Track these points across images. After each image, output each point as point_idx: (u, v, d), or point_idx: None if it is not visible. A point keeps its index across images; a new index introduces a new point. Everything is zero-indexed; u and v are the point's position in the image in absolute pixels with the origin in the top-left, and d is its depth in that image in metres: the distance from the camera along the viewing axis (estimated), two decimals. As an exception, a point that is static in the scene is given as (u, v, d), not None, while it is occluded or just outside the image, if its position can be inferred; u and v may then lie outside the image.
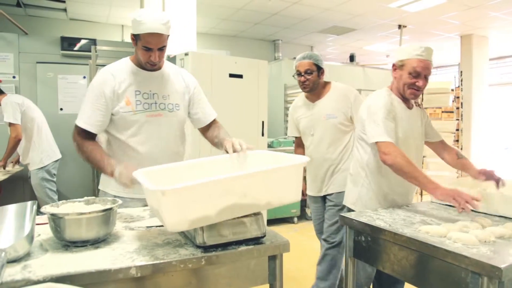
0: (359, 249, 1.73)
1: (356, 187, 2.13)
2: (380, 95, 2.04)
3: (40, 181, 3.71)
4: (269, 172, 1.20)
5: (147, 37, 1.64)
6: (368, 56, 9.72)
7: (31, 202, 1.28)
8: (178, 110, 1.86)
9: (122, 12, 6.32)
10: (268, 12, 6.30)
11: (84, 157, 1.70)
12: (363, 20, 6.63)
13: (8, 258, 1.03)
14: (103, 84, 1.73)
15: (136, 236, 1.32)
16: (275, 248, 1.26)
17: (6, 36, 4.28)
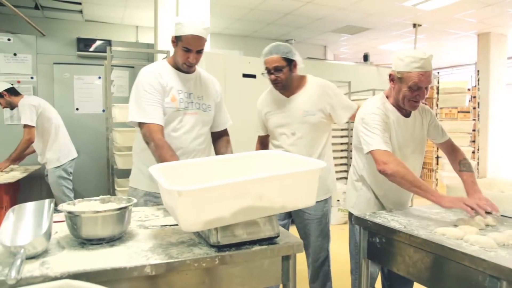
0: (373, 251, 1.71)
1: (354, 191, 2.13)
2: (373, 104, 1.96)
3: (57, 179, 3.78)
4: (286, 176, 1.20)
5: (189, 38, 1.79)
6: (382, 56, 9.63)
7: (48, 200, 1.30)
8: (210, 111, 2.02)
9: (136, 13, 6.39)
10: (281, 12, 6.29)
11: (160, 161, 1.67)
12: (377, 19, 6.57)
13: (26, 254, 1.06)
14: (153, 81, 1.86)
15: (150, 235, 1.33)
16: (289, 248, 1.25)
17: (25, 38, 4.37)
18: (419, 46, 7.65)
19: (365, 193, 2.06)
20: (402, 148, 1.97)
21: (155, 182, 1.80)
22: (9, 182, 3.21)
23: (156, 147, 1.73)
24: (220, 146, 2.11)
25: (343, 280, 3.28)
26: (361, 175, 2.08)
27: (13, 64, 4.30)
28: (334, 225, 5.04)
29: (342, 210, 5.06)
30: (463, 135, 5.38)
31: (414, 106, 1.90)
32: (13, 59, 4.31)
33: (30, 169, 3.85)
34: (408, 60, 1.81)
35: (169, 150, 1.72)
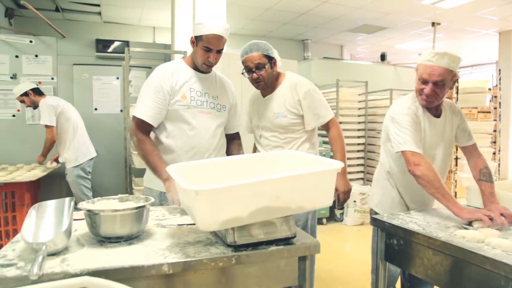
0: (391, 252, 1.69)
1: (379, 189, 2.12)
2: (404, 103, 1.96)
3: (75, 178, 3.86)
4: (303, 176, 1.19)
5: (210, 38, 1.80)
6: (400, 55, 9.51)
7: (69, 199, 1.33)
8: (225, 111, 2.03)
9: (153, 14, 6.46)
10: (297, 12, 6.27)
11: (141, 154, 1.85)
12: (395, 18, 6.49)
13: (48, 251, 1.08)
14: (162, 80, 1.87)
15: (168, 234, 1.34)
16: (306, 249, 1.25)
17: (46, 39, 4.46)
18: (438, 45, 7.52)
19: (390, 192, 2.05)
20: (432, 148, 1.95)
21: None
22: (31, 180, 3.28)
23: (138, 141, 1.84)
24: (232, 149, 2.11)
25: (362, 282, 3.26)
26: (387, 173, 2.07)
27: (34, 65, 4.40)
28: (350, 226, 5.00)
29: (358, 211, 5.01)
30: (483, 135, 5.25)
31: (424, 101, 1.89)
32: (35, 60, 4.41)
33: (50, 167, 3.93)
34: (425, 54, 1.86)
35: (150, 146, 1.83)
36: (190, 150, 1.89)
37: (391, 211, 1.99)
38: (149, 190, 1.98)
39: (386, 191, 2.07)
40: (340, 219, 5.23)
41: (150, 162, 1.80)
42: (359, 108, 5.64)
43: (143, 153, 1.83)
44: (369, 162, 5.63)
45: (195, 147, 1.89)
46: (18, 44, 4.34)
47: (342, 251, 4.11)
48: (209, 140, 1.93)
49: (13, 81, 4.26)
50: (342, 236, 4.70)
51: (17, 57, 4.33)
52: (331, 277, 3.36)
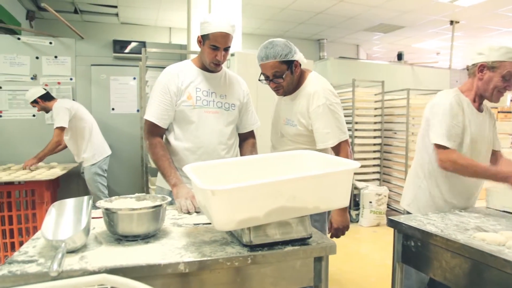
0: (408, 254, 1.67)
1: (412, 188, 2.07)
2: (448, 94, 1.93)
3: (93, 176, 3.93)
4: (320, 176, 1.18)
5: (216, 36, 1.78)
6: (417, 54, 9.37)
7: (87, 197, 1.35)
8: (234, 110, 2.00)
9: (169, 15, 6.52)
10: (313, 11, 6.24)
11: (152, 158, 1.88)
12: (412, 16, 6.40)
13: (67, 248, 1.10)
14: (168, 82, 1.88)
15: (184, 233, 1.35)
16: (321, 249, 1.24)
17: (65, 41, 4.55)
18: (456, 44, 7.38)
19: (425, 190, 2.00)
20: (477, 142, 1.92)
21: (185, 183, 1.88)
22: (50, 179, 3.35)
23: (149, 145, 1.88)
24: (245, 149, 2.08)
25: (377, 284, 3.22)
26: (423, 170, 2.02)
27: (54, 66, 4.49)
28: (366, 227, 4.95)
29: (374, 212, 4.96)
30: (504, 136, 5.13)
31: (499, 98, 1.90)
32: (54, 61, 4.49)
33: (68, 166, 4.01)
34: (504, 51, 1.83)
35: (161, 150, 1.85)
36: (197, 151, 1.88)
37: (426, 210, 1.94)
38: (160, 189, 2.00)
39: (421, 190, 2.02)
40: (356, 220, 5.18)
41: (160, 167, 1.84)
42: (375, 108, 5.57)
43: (154, 157, 1.86)
44: (385, 162, 5.56)
45: (202, 147, 1.89)
46: (38, 46, 4.44)
47: (358, 252, 4.08)
48: (217, 140, 1.91)
49: (33, 81, 4.36)
50: (358, 237, 4.66)
51: (37, 58, 4.43)
52: (346, 279, 3.34)
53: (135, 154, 4.55)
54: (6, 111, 4.35)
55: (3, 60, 4.31)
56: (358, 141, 5.38)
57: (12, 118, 4.37)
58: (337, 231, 1.98)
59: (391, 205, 5.38)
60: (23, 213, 3.39)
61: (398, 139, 5.45)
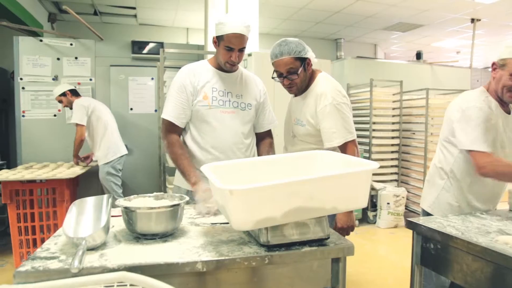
0: (427, 257, 1.64)
1: (434, 190, 2.01)
2: (477, 97, 1.84)
3: (105, 175, 4.01)
4: (338, 176, 1.17)
5: (231, 37, 1.78)
6: (437, 53, 9.21)
7: (107, 196, 1.37)
8: (250, 110, 1.99)
9: (187, 15, 6.57)
10: (330, 11, 6.20)
11: (171, 157, 1.90)
12: (431, 15, 6.29)
13: (87, 246, 1.12)
14: (184, 81, 1.90)
15: (201, 232, 1.36)
16: (339, 250, 1.23)
17: (85, 42, 4.64)
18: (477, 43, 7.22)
19: (447, 192, 1.95)
20: (504, 147, 1.86)
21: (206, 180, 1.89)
22: (70, 177, 3.42)
23: (168, 145, 1.89)
24: (262, 149, 2.07)
25: (395, 286, 3.18)
26: (446, 172, 1.96)
27: (74, 67, 4.58)
28: (383, 228, 4.89)
29: (392, 213, 4.89)
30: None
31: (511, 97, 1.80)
32: (74, 62, 4.59)
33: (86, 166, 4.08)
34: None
35: (180, 149, 1.87)
36: (213, 151, 1.89)
37: (448, 212, 1.89)
38: (178, 188, 2.01)
39: (444, 191, 1.97)
40: (373, 221, 5.12)
41: (179, 166, 1.85)
42: (393, 108, 5.50)
43: (172, 156, 1.88)
44: (403, 163, 5.48)
45: (218, 147, 1.89)
46: (59, 47, 4.54)
47: (375, 254, 4.03)
48: (233, 140, 1.91)
49: (55, 82, 4.45)
50: (375, 238, 4.61)
51: (58, 60, 4.52)
52: (363, 280, 3.30)
53: (153, 153, 4.61)
54: (29, 111, 4.46)
55: (26, 62, 4.42)
56: (376, 141, 5.32)
57: (34, 118, 4.48)
58: (342, 230, 1.90)
59: (409, 206, 5.30)
60: (44, 211, 3.47)
61: (416, 139, 5.36)
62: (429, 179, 2.08)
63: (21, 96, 4.42)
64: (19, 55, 4.40)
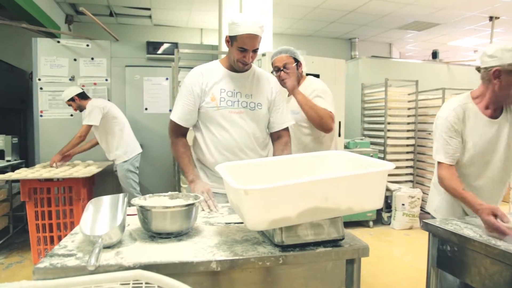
0: (444, 259, 1.61)
1: (438, 194, 2.01)
2: (450, 105, 1.86)
3: (125, 172, 4.05)
4: (353, 177, 1.17)
5: (244, 38, 1.77)
6: (453, 52, 9.05)
7: (123, 195, 1.39)
8: (260, 109, 1.96)
9: (201, 16, 6.61)
10: (345, 10, 6.16)
11: (174, 155, 2.01)
12: (448, 13, 6.18)
13: (103, 244, 1.14)
14: (193, 83, 1.91)
15: (216, 232, 1.36)
16: (354, 251, 1.22)
17: (101, 43, 4.71)
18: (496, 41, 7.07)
19: (447, 196, 1.94)
20: (486, 154, 1.84)
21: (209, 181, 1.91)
22: (86, 176, 3.47)
23: (171, 144, 1.98)
24: (276, 149, 2.04)
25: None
26: None
27: (90, 68, 4.65)
28: (398, 230, 4.83)
29: (407, 214, 4.83)
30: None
31: None
32: (91, 63, 4.66)
33: (103, 164, 4.14)
34: None
35: (181, 148, 1.95)
36: (223, 151, 1.90)
37: (453, 215, 1.89)
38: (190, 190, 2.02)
39: (442, 197, 1.97)
40: (388, 223, 5.07)
41: (180, 164, 1.94)
42: (408, 108, 5.43)
43: (175, 154, 1.99)
44: (419, 164, 5.41)
45: (228, 148, 1.89)
46: (76, 48, 4.61)
47: (389, 256, 3.98)
48: (242, 140, 1.91)
49: (72, 82, 4.53)
50: (389, 240, 4.55)
51: (75, 60, 4.60)
52: (378, 282, 3.27)
53: (167, 153, 4.64)
54: (46, 111, 4.55)
55: (44, 62, 4.51)
56: (391, 141, 5.27)
57: (52, 118, 4.57)
58: None
59: (425, 207, 5.22)
60: (61, 209, 3.54)
61: (432, 140, 5.27)
62: (434, 182, 2.06)
63: (39, 96, 4.51)
64: (37, 56, 4.49)
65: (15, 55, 5.73)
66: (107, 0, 5.84)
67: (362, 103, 5.90)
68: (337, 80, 4.38)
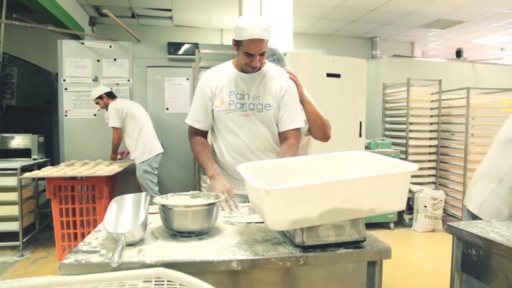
0: (469, 263, 1.57)
1: (483, 191, 1.90)
2: None
3: (142, 173, 4.13)
4: (377, 178, 1.15)
5: (249, 43, 1.73)
6: (478, 51, 8.81)
7: (145, 193, 1.41)
8: (268, 110, 1.89)
9: (221, 16, 6.65)
10: (366, 9, 6.08)
11: (194, 155, 2.03)
12: (473, 10, 6.03)
13: (126, 241, 1.15)
14: (204, 86, 1.93)
15: (236, 231, 1.36)
16: (375, 253, 1.20)
17: (123, 44, 4.79)
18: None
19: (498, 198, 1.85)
20: None
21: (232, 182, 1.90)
22: (109, 175, 3.54)
23: (191, 145, 1.99)
24: (279, 151, 1.93)
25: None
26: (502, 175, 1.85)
27: (113, 68, 4.75)
28: (420, 232, 4.74)
29: (429, 216, 4.74)
30: None
31: None
32: (113, 63, 4.75)
33: (125, 164, 4.22)
34: None
35: (199, 147, 1.95)
36: (234, 155, 1.90)
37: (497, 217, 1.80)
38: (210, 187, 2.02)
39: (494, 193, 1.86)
40: (409, 225, 4.98)
41: (200, 162, 1.94)
42: (431, 108, 5.32)
43: (195, 154, 1.99)
44: (442, 165, 5.29)
45: (239, 152, 1.89)
46: (99, 49, 4.71)
47: (411, 259, 3.91)
48: (253, 143, 1.89)
49: (95, 83, 4.63)
50: (411, 242, 4.48)
51: (98, 61, 4.70)
52: (399, 285, 3.22)
53: (187, 152, 4.68)
54: (71, 110, 4.66)
55: (69, 64, 4.62)
56: (413, 142, 5.17)
57: (76, 117, 4.68)
58: None
59: (448, 210, 5.11)
60: (84, 206, 3.62)
61: (456, 141, 5.16)
62: (478, 178, 1.96)
63: (64, 96, 4.63)
64: (62, 57, 4.61)
65: (42, 56, 5.90)
66: (129, 2, 5.94)
67: (384, 103, 5.82)
68: (358, 80, 4.34)
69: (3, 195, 3.78)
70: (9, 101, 4.83)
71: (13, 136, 4.46)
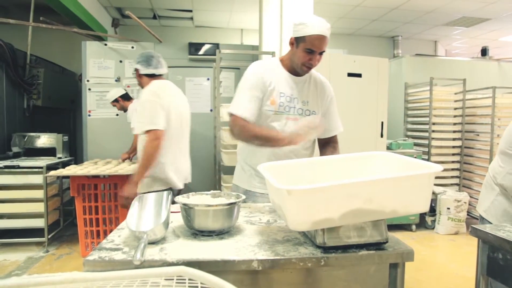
0: (495, 267, 1.53)
1: (490, 194, 1.93)
2: None
3: None
4: (400, 179, 1.13)
5: (313, 39, 1.67)
6: (505, 49, 8.55)
7: (167, 192, 1.43)
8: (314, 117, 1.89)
9: (241, 17, 6.66)
10: (387, 7, 5.99)
11: (247, 138, 1.77)
12: (499, 7, 5.84)
13: (148, 240, 1.17)
14: (259, 78, 1.81)
15: (257, 231, 1.37)
16: (398, 255, 1.18)
17: (145, 45, 4.86)
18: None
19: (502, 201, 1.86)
20: None
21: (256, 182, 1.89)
22: (131, 173, 3.59)
23: (240, 129, 1.75)
24: (324, 153, 1.96)
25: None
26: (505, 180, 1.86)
27: (135, 69, 4.82)
28: (442, 234, 4.64)
29: (452, 219, 4.63)
30: None
31: None
32: (135, 64, 4.82)
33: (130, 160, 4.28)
34: None
35: (254, 127, 1.74)
36: (271, 157, 1.80)
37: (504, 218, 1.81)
38: (236, 187, 2.01)
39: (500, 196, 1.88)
40: (431, 227, 4.88)
41: (260, 137, 1.71)
42: (455, 108, 5.20)
43: (249, 135, 1.74)
44: (466, 166, 5.17)
45: (276, 154, 1.82)
46: (121, 50, 4.79)
47: (433, 261, 3.83)
48: (291, 147, 1.80)
49: (117, 83, 4.71)
50: (433, 245, 4.38)
51: (121, 62, 4.78)
52: (421, 288, 3.16)
53: (208, 152, 4.72)
54: (94, 110, 4.76)
55: (92, 64, 4.72)
56: (436, 143, 5.07)
57: (99, 117, 4.77)
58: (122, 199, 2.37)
59: (472, 212, 4.98)
60: (107, 205, 3.69)
61: (481, 141, 5.02)
62: (486, 183, 1.99)
63: (87, 96, 4.73)
64: (86, 58, 4.71)
65: (66, 58, 6.06)
66: (150, 3, 6.03)
67: (406, 103, 5.71)
68: (379, 80, 4.27)
69: (29, 193, 3.90)
70: (36, 101, 4.97)
71: (39, 135, 4.59)
